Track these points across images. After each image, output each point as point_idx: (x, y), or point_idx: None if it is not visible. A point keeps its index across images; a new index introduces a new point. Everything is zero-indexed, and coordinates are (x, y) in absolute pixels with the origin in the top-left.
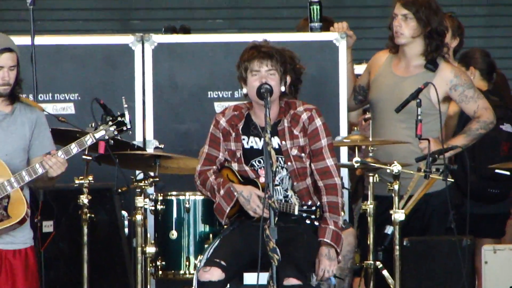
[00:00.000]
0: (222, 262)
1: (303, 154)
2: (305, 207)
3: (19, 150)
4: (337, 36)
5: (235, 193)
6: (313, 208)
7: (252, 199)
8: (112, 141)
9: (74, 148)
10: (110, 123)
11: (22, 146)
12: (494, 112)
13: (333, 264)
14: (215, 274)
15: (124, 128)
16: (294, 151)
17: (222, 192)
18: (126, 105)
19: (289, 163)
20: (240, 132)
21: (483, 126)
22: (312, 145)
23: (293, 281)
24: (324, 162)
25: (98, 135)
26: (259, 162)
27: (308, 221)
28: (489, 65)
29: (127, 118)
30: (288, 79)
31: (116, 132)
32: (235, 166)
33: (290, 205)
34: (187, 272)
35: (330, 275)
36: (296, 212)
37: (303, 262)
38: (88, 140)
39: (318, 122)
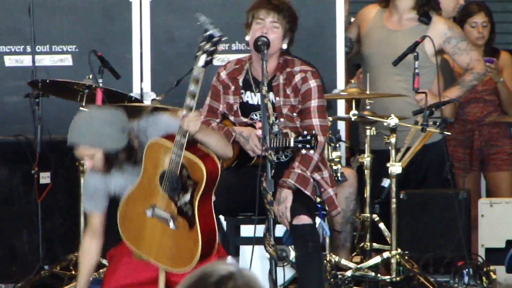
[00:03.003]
0: None
1: (294, 114)
2: (300, 138)
3: None
4: None
5: (233, 133)
6: (308, 137)
7: (251, 138)
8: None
9: (193, 88)
10: (203, 43)
11: None
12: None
13: (282, 206)
14: None
15: (216, 40)
16: (285, 110)
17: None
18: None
19: (281, 119)
20: (240, 85)
21: (477, 77)
22: (303, 105)
23: (304, 218)
24: (310, 121)
25: (202, 62)
26: (255, 116)
27: (304, 151)
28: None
29: (213, 30)
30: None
31: (213, 48)
32: (231, 119)
33: (286, 137)
34: None
35: (285, 217)
36: (292, 144)
37: (311, 203)
38: (200, 73)
39: (313, 83)
